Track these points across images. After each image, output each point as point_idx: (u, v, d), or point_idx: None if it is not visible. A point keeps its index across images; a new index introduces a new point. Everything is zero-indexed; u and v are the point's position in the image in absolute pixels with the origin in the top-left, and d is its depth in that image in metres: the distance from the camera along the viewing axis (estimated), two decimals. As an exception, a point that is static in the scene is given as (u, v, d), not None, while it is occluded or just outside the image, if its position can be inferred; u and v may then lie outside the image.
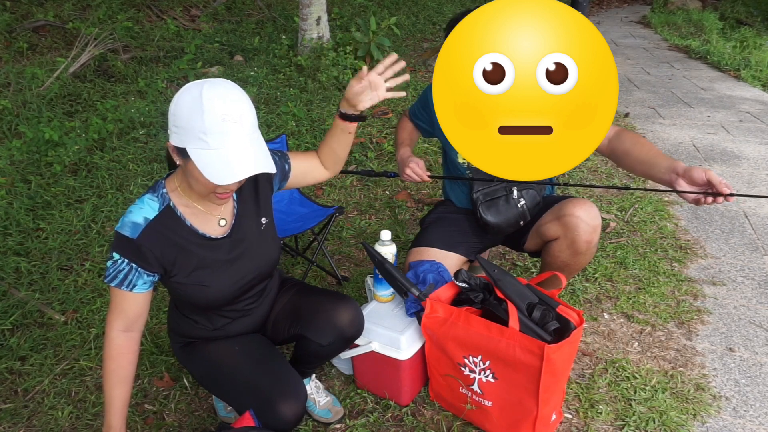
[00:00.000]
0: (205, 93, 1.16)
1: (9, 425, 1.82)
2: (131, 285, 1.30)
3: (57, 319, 2.28)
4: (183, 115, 1.18)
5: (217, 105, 1.16)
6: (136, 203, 1.31)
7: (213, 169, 1.17)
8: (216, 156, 1.18)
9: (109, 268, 1.29)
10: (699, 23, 8.06)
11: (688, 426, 1.72)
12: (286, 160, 1.55)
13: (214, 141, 1.17)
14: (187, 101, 1.17)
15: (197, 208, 1.37)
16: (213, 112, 1.16)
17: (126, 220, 1.29)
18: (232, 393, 1.46)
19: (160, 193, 1.33)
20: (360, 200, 3.23)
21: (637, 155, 1.65)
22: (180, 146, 1.20)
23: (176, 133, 1.20)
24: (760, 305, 2.28)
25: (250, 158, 1.20)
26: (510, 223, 1.89)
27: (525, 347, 1.47)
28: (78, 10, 5.85)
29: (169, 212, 1.32)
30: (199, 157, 1.18)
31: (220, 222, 1.41)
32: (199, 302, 1.42)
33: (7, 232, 2.82)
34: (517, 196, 1.88)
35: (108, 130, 3.73)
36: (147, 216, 1.29)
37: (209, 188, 1.26)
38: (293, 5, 6.99)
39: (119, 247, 1.28)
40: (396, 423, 1.76)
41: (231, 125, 1.18)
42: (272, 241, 1.52)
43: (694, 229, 2.87)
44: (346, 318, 1.55)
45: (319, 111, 4.28)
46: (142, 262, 1.29)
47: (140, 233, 1.28)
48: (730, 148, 3.85)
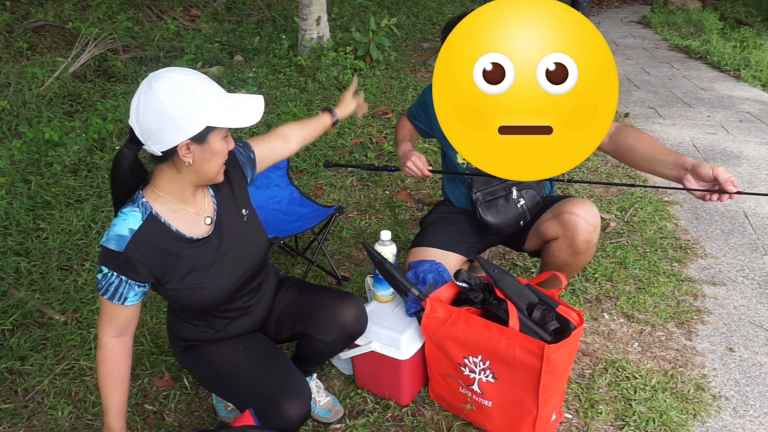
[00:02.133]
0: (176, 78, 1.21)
1: (9, 425, 1.82)
2: (122, 298, 1.29)
3: (57, 319, 2.28)
4: (182, 104, 1.19)
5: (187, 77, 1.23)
6: (119, 216, 1.29)
7: (235, 116, 1.26)
8: (225, 105, 1.25)
9: (100, 281, 1.28)
10: (699, 23, 8.06)
11: (688, 426, 1.72)
12: (249, 149, 1.57)
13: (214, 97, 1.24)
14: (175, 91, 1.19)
15: (184, 210, 1.36)
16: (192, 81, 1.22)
17: (111, 234, 1.27)
18: (236, 394, 1.45)
19: (140, 202, 1.30)
20: (360, 200, 3.23)
21: (641, 151, 1.64)
22: (200, 130, 1.22)
23: (189, 123, 1.20)
24: (760, 305, 2.28)
25: (239, 97, 1.30)
26: (510, 224, 1.89)
27: (525, 347, 1.47)
28: (78, 10, 5.85)
29: (152, 220, 1.31)
30: (220, 118, 1.24)
31: (206, 220, 1.41)
32: (197, 305, 1.41)
33: (7, 232, 2.82)
34: (517, 196, 1.88)
35: (108, 130, 3.73)
36: (131, 227, 1.27)
37: (224, 157, 1.32)
38: (293, 5, 6.99)
39: (107, 262, 1.27)
40: (396, 423, 1.76)
41: (206, 81, 1.25)
42: (257, 230, 1.52)
43: (694, 229, 2.87)
44: (351, 315, 1.55)
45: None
46: (132, 274, 1.28)
47: (127, 245, 1.26)
48: (730, 148, 3.85)
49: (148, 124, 1.19)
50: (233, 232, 1.45)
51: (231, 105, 1.27)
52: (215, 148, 1.27)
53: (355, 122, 4.19)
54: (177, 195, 1.34)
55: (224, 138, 1.30)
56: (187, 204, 1.37)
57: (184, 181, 1.31)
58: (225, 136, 1.30)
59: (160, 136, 1.20)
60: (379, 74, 5.23)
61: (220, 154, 1.30)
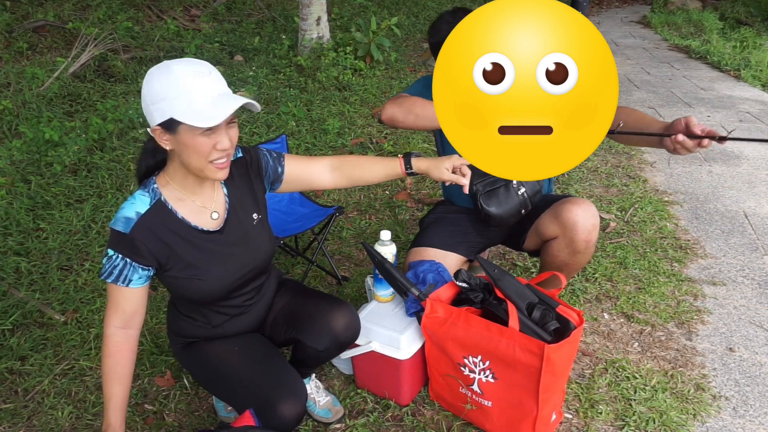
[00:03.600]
0: (173, 65, 1.23)
1: (9, 425, 1.82)
2: (127, 280, 1.31)
3: (57, 319, 2.28)
4: (157, 90, 1.21)
5: (185, 68, 1.22)
6: (128, 200, 1.33)
7: (201, 114, 1.20)
8: (201, 102, 1.20)
9: (104, 265, 1.31)
10: (699, 23, 8.06)
11: (688, 426, 1.72)
12: (280, 162, 1.55)
13: (193, 92, 1.20)
14: (158, 77, 1.22)
15: (190, 201, 1.38)
16: (184, 72, 1.21)
17: (119, 215, 1.31)
18: (232, 393, 1.46)
19: (151, 188, 1.35)
20: (360, 200, 3.23)
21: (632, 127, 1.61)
22: (165, 119, 1.21)
23: (157, 111, 1.22)
24: (760, 305, 2.28)
25: (231, 97, 1.25)
26: (512, 213, 1.87)
27: (525, 347, 1.47)
28: (78, 10, 5.85)
29: (160, 206, 1.34)
30: (184, 113, 1.19)
31: (212, 215, 1.42)
32: (195, 296, 1.42)
33: (7, 232, 2.82)
34: (517, 185, 1.87)
35: (108, 130, 3.72)
36: (138, 210, 1.31)
37: (206, 153, 1.25)
38: (293, 5, 6.99)
39: (113, 243, 1.30)
40: (396, 423, 1.76)
41: (205, 77, 1.23)
42: (265, 236, 1.53)
43: (694, 229, 2.87)
44: (341, 323, 1.54)
45: (319, 111, 4.28)
46: (136, 256, 1.30)
47: (132, 227, 1.29)
48: (730, 148, 3.85)
49: (144, 95, 1.26)
50: (242, 234, 1.46)
51: (208, 104, 1.21)
52: (187, 142, 1.23)
53: (355, 122, 4.19)
54: (182, 183, 1.36)
55: (204, 135, 1.23)
56: (192, 194, 1.38)
57: (183, 169, 1.33)
58: (203, 133, 1.22)
59: (145, 117, 1.27)
60: (379, 74, 5.23)
61: (198, 150, 1.24)
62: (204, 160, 1.27)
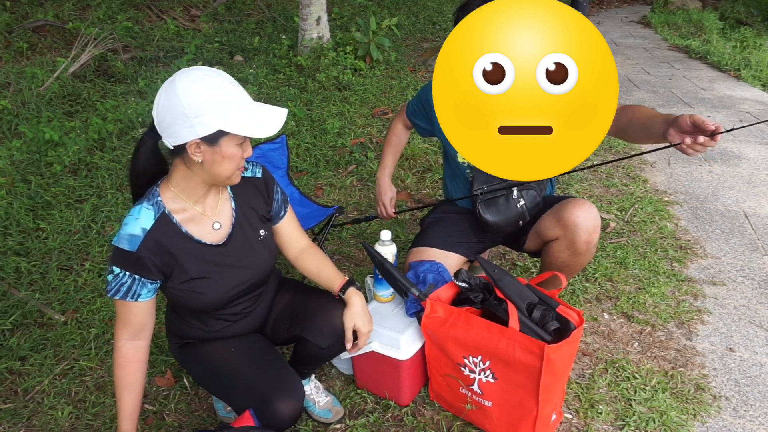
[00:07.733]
0: (203, 76, 1.21)
1: (9, 425, 1.82)
2: (136, 295, 1.31)
3: (57, 319, 2.28)
4: (198, 102, 1.18)
5: (215, 78, 1.22)
6: (132, 214, 1.30)
7: (250, 124, 1.22)
8: (245, 112, 1.23)
9: (110, 283, 1.29)
10: (699, 23, 8.05)
11: (688, 426, 1.72)
12: (284, 208, 1.57)
13: (234, 102, 1.22)
14: (194, 89, 1.19)
15: (194, 211, 1.37)
16: (217, 82, 1.21)
17: (123, 233, 1.28)
18: (229, 392, 1.46)
19: (155, 201, 1.32)
20: (360, 200, 3.23)
21: (637, 123, 1.60)
22: (212, 132, 1.20)
23: (200, 124, 1.20)
24: (760, 305, 2.28)
25: (262, 105, 1.27)
26: (509, 223, 1.88)
27: (525, 347, 1.47)
28: (78, 10, 5.85)
29: (164, 219, 1.32)
30: (235, 124, 1.22)
31: (214, 225, 1.41)
32: (193, 306, 1.43)
33: (7, 232, 2.82)
34: (517, 196, 1.88)
35: (108, 130, 3.72)
36: (144, 226, 1.29)
37: (238, 162, 1.30)
38: (293, 5, 6.99)
39: (119, 261, 1.28)
40: (396, 423, 1.76)
41: (236, 86, 1.25)
42: (269, 251, 1.52)
43: (694, 229, 2.87)
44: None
45: (319, 111, 4.28)
46: (144, 273, 1.29)
47: (140, 245, 1.27)
48: (730, 148, 3.84)
49: (164, 117, 1.21)
50: (246, 249, 1.45)
51: (251, 114, 1.24)
52: (227, 153, 1.26)
53: (355, 122, 4.19)
54: (188, 192, 1.35)
55: (239, 144, 1.28)
56: (197, 203, 1.37)
57: (196, 179, 1.32)
58: (240, 143, 1.28)
59: (173, 130, 1.22)
60: (379, 74, 5.23)
61: (233, 159, 1.28)
62: (235, 168, 1.30)
